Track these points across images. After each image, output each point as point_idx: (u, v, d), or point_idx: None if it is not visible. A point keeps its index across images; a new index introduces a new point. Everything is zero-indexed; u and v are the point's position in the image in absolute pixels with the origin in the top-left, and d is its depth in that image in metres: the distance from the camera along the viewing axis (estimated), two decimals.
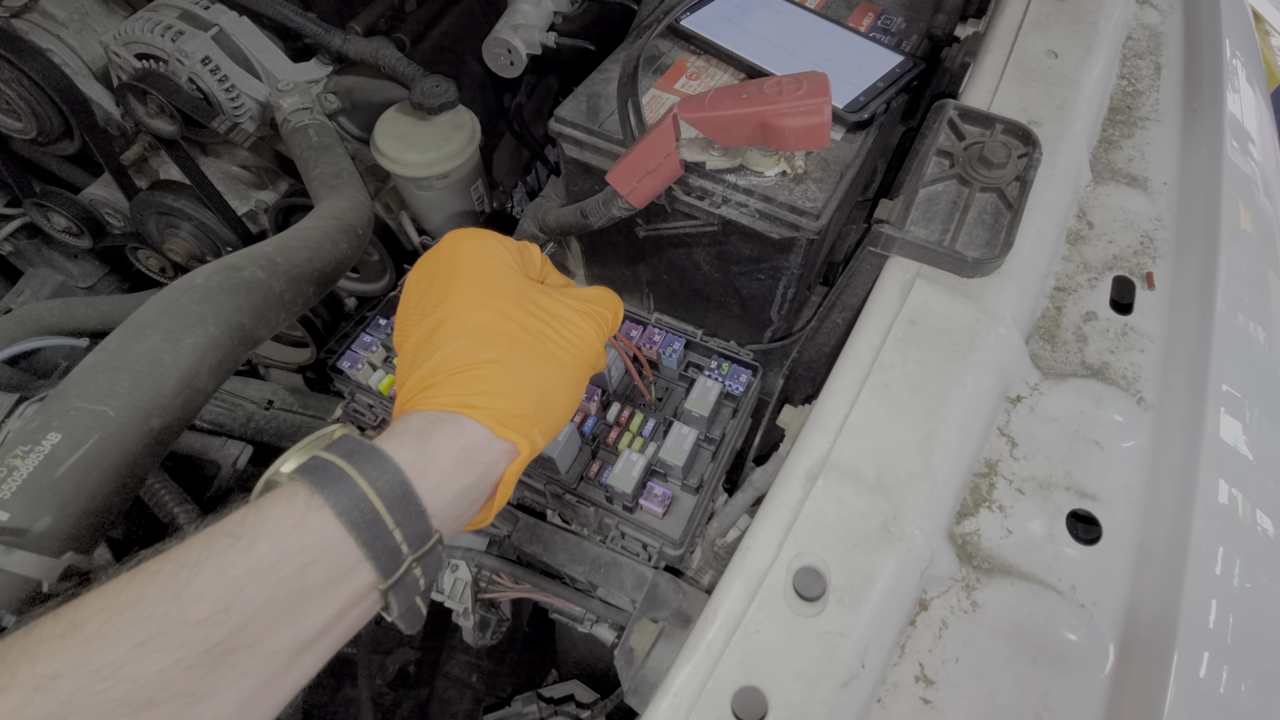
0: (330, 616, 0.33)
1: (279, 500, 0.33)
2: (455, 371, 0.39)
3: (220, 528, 0.32)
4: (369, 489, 0.34)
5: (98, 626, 0.27)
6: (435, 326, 0.42)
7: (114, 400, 0.43)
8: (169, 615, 0.28)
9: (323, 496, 0.33)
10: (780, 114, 0.56)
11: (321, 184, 0.88)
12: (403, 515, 0.34)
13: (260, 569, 0.31)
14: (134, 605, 0.28)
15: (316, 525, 0.32)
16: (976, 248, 0.49)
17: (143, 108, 0.96)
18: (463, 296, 0.42)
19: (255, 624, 0.30)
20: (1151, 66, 0.66)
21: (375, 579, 0.34)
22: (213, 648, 0.29)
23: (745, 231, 0.65)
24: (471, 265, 0.44)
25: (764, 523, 0.44)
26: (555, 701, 0.68)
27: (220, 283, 0.51)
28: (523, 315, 0.42)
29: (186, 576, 0.29)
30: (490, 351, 0.40)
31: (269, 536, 0.31)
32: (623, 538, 0.57)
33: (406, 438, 0.37)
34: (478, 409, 0.38)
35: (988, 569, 0.46)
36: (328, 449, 0.35)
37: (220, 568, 0.30)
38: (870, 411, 0.46)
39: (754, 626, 0.42)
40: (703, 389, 0.60)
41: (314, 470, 0.34)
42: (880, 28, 0.77)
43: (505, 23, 0.90)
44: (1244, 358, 0.54)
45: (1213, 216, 0.55)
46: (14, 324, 1.23)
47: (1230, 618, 0.45)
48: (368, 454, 0.35)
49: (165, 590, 0.29)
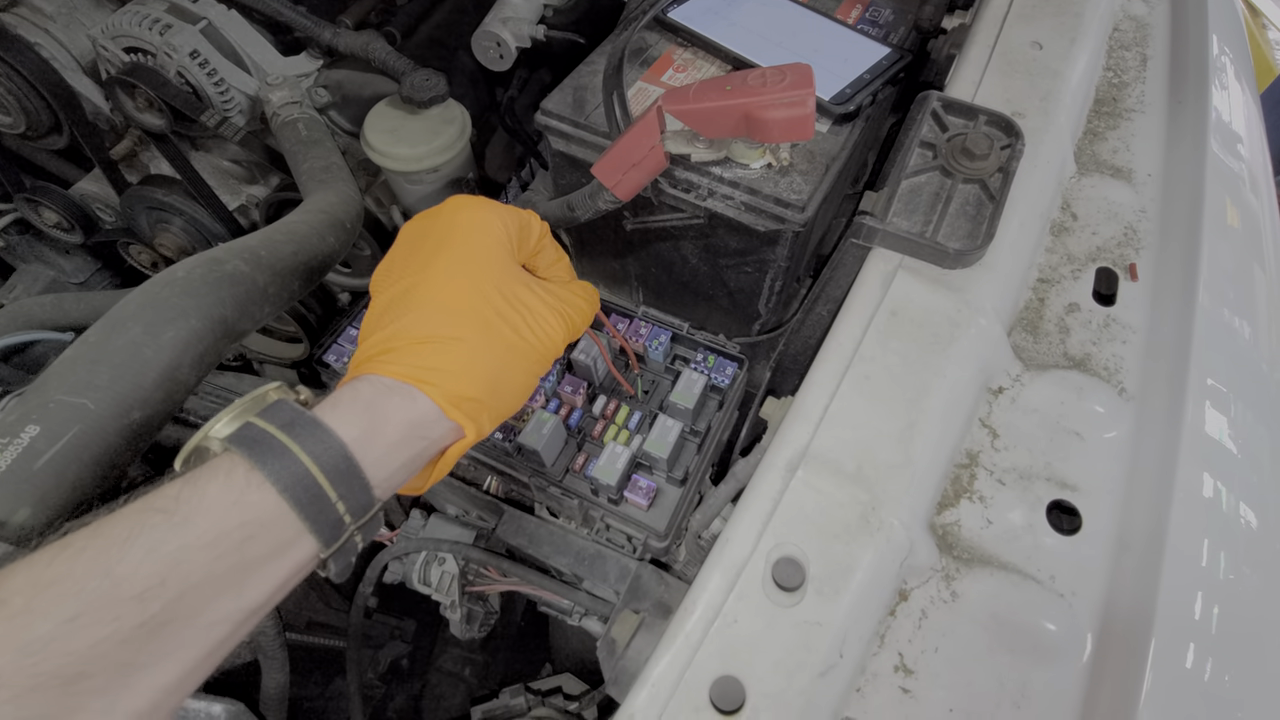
0: (273, 586, 0.33)
1: (217, 475, 0.33)
2: (418, 341, 0.39)
3: (151, 503, 0.31)
4: (311, 463, 0.33)
5: (24, 602, 0.27)
6: (412, 287, 0.41)
7: (94, 393, 0.43)
8: (99, 590, 0.28)
9: (263, 472, 0.33)
10: (764, 106, 0.56)
11: (310, 178, 0.88)
12: (346, 488, 0.35)
13: (198, 545, 0.30)
14: (61, 581, 0.28)
15: (257, 501, 0.32)
16: (958, 239, 0.49)
17: (131, 102, 0.95)
18: (446, 266, 0.42)
19: (193, 596, 0.30)
20: (1138, 58, 0.66)
21: (317, 549, 0.34)
22: (147, 621, 0.29)
23: (731, 224, 0.65)
24: (463, 237, 0.44)
25: (743, 514, 0.45)
26: (543, 694, 0.69)
27: (202, 276, 0.51)
28: (498, 300, 0.42)
29: (117, 552, 0.29)
30: (457, 329, 0.40)
31: (207, 512, 0.31)
32: (608, 530, 0.57)
33: (355, 408, 0.37)
34: (431, 385, 0.38)
35: (968, 559, 0.47)
36: (264, 416, 0.35)
37: (153, 543, 0.30)
38: (850, 403, 0.46)
39: (732, 616, 0.42)
40: (688, 381, 0.60)
41: (253, 443, 0.33)
42: (868, 19, 0.77)
43: (494, 16, 0.90)
44: (1228, 352, 0.54)
45: (1196, 208, 0.55)
46: (5, 320, 1.22)
47: (1215, 609, 0.45)
48: (309, 426, 0.35)
49: (94, 566, 0.29)
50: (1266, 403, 0.55)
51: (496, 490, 0.67)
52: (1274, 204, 0.70)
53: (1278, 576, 0.48)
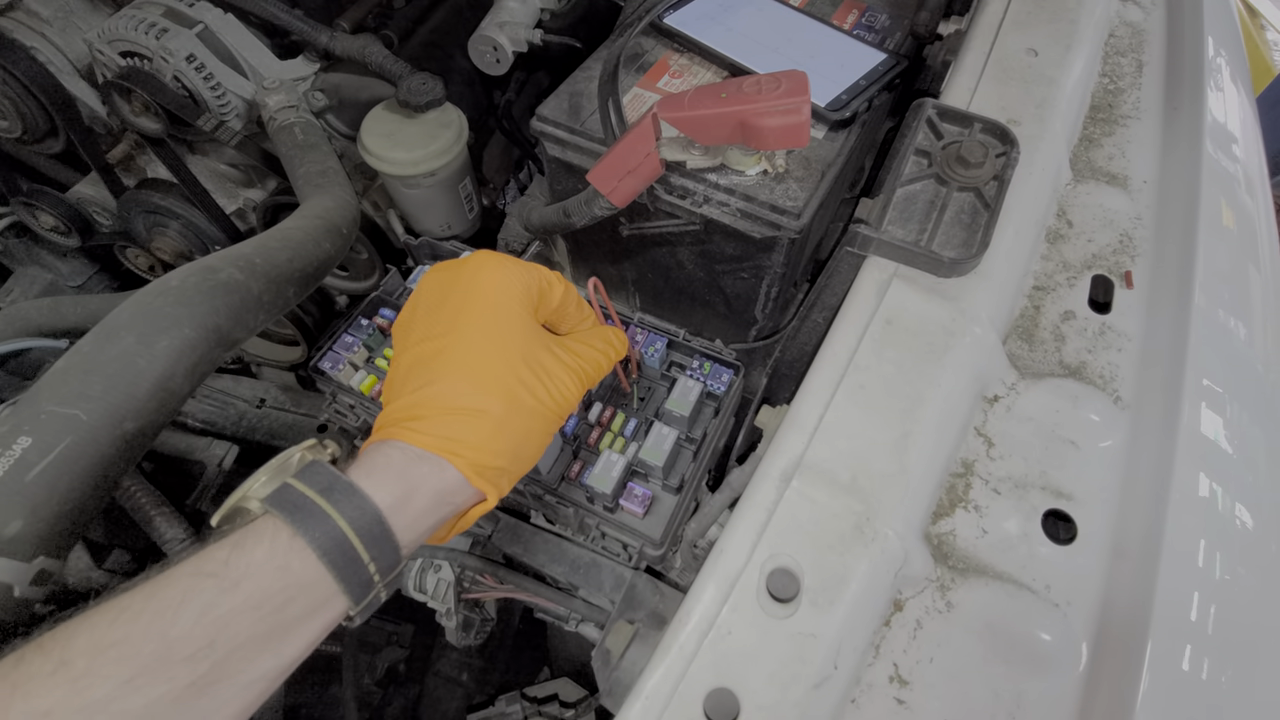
0: (306, 643, 0.35)
1: (262, 540, 0.34)
2: (446, 411, 0.41)
3: (202, 567, 0.33)
4: (348, 529, 0.36)
5: (85, 664, 0.29)
6: (438, 352, 0.43)
7: (86, 403, 0.42)
8: (154, 654, 0.30)
9: (305, 538, 0.34)
10: (759, 113, 0.56)
11: (307, 182, 0.88)
12: (378, 551, 0.37)
13: (245, 608, 0.32)
14: (120, 644, 0.30)
15: (299, 566, 0.34)
16: (953, 247, 0.49)
17: (128, 106, 0.95)
18: (471, 332, 0.43)
19: (237, 656, 0.32)
20: (1133, 64, 0.66)
21: (349, 606, 0.37)
22: (197, 680, 0.31)
23: (727, 231, 0.65)
24: (487, 299, 0.45)
25: (738, 524, 0.44)
26: (539, 701, 0.69)
27: (196, 284, 0.51)
28: (521, 368, 0.43)
29: (171, 615, 0.31)
30: (483, 400, 0.41)
31: (253, 577, 0.33)
32: (604, 538, 0.57)
33: (388, 475, 0.39)
34: (459, 456, 0.40)
35: (963, 569, 0.46)
36: (302, 479, 0.37)
37: (204, 607, 0.32)
38: (845, 412, 0.46)
39: (727, 628, 0.42)
40: (683, 389, 0.60)
41: (294, 508, 0.35)
42: (864, 25, 0.77)
43: (491, 20, 0.90)
44: (1224, 354, 0.54)
45: (1191, 215, 0.55)
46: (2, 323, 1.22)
47: (1212, 609, 0.45)
48: (346, 492, 0.37)
49: (150, 630, 0.30)
50: (1262, 403, 0.55)
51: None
52: (1269, 205, 0.69)
53: (1274, 576, 0.48)
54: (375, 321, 0.66)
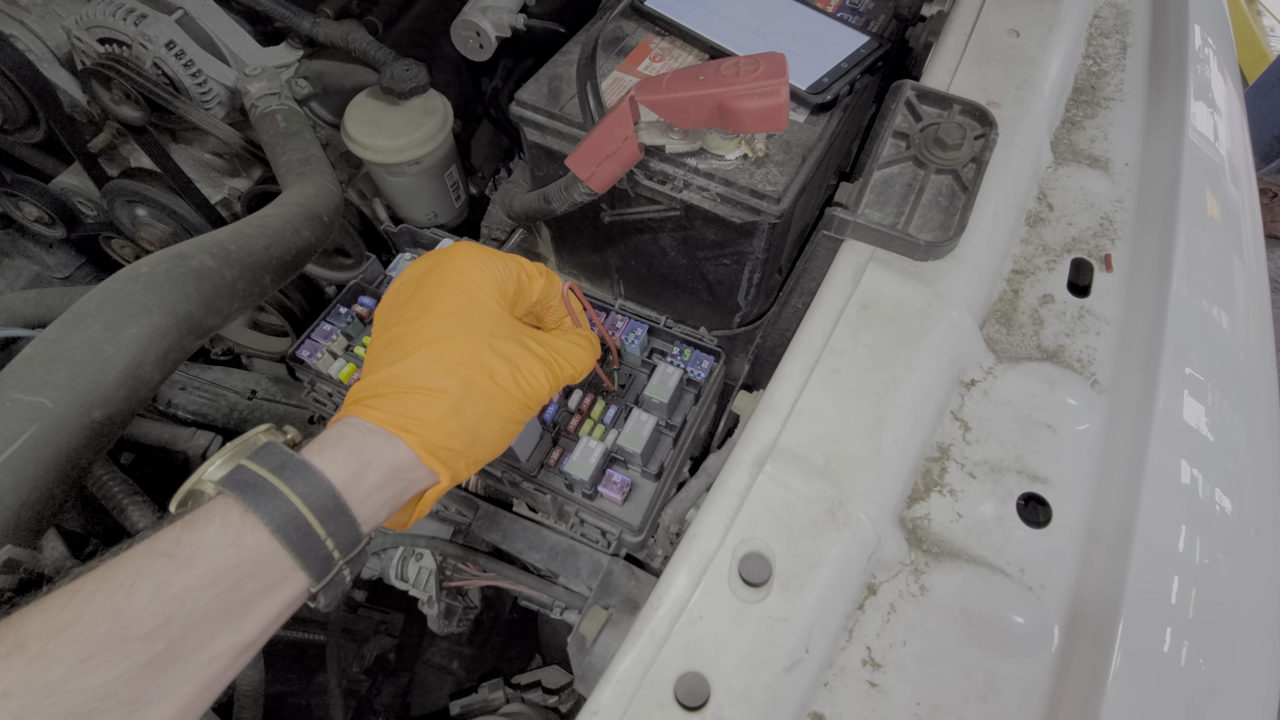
0: (266, 621, 0.36)
1: (214, 518, 0.35)
2: (404, 390, 0.41)
3: (154, 547, 0.33)
4: (300, 504, 0.36)
5: (40, 646, 0.29)
6: (405, 334, 0.43)
7: (52, 391, 0.42)
8: (109, 633, 0.30)
9: (256, 514, 0.35)
10: (737, 95, 0.55)
11: (289, 170, 0.87)
12: (334, 525, 0.37)
13: (199, 585, 0.33)
14: (74, 625, 0.30)
15: (251, 542, 0.34)
16: (930, 230, 0.49)
17: (108, 94, 0.94)
18: (439, 316, 0.44)
19: (195, 634, 0.32)
20: (1117, 46, 0.65)
21: (308, 584, 0.37)
22: (154, 658, 0.31)
23: (708, 216, 0.65)
24: (459, 286, 0.45)
25: (710, 509, 0.44)
26: (522, 688, 0.69)
27: (167, 271, 0.50)
28: (486, 354, 0.44)
29: (125, 595, 0.31)
30: (442, 380, 0.42)
31: (205, 554, 0.33)
32: (583, 525, 0.57)
33: (340, 450, 0.39)
34: (411, 434, 0.40)
35: (937, 553, 0.46)
36: (255, 459, 0.37)
37: (158, 586, 0.32)
38: (819, 397, 0.46)
39: (698, 612, 0.42)
40: (663, 375, 0.60)
41: (245, 486, 0.36)
42: (848, 7, 0.76)
43: (473, 4, 0.89)
44: (1204, 341, 0.54)
45: (1172, 198, 0.55)
46: None
47: (1193, 593, 0.45)
48: (297, 468, 0.37)
49: (104, 610, 0.31)
50: (1244, 391, 0.55)
51: (476, 487, 0.66)
52: (1254, 195, 0.69)
53: (1253, 561, 0.48)
54: (354, 310, 0.66)
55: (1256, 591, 0.47)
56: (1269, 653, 0.45)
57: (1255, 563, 0.47)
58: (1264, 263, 0.66)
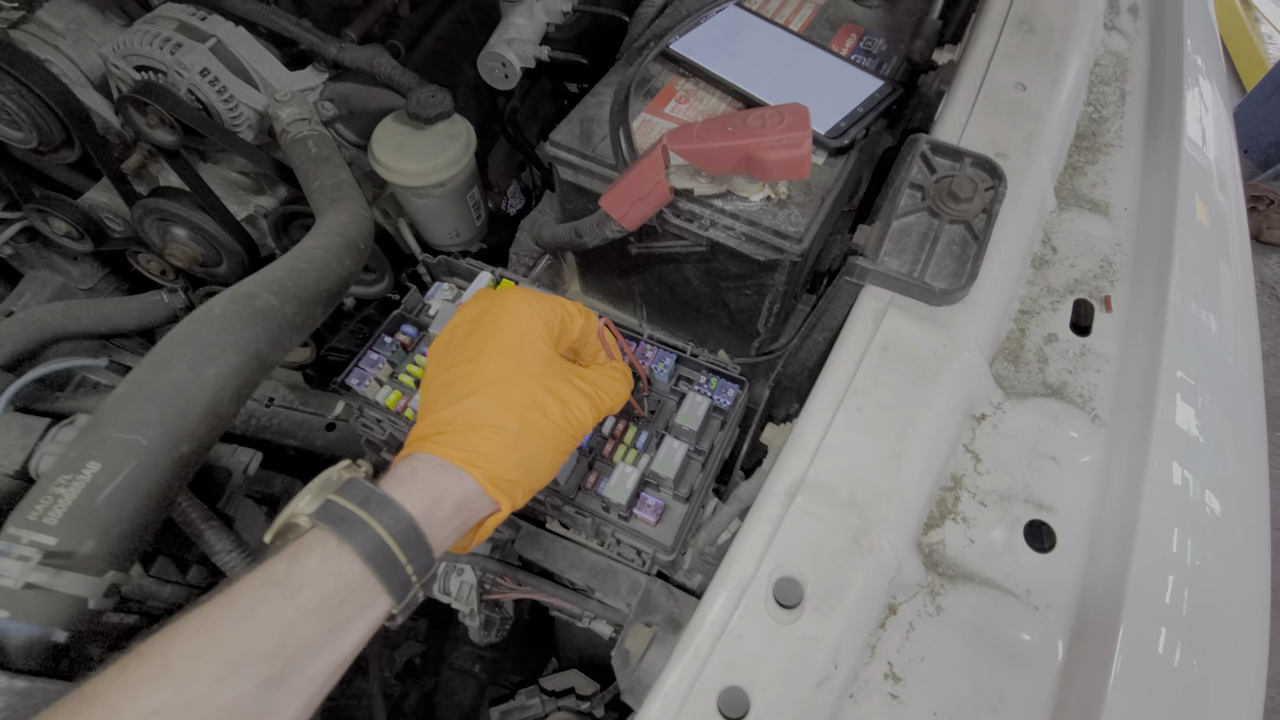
0: (358, 640, 0.40)
1: (314, 550, 0.39)
2: (468, 427, 0.46)
3: (267, 577, 0.38)
4: (386, 535, 0.40)
5: (182, 668, 0.34)
6: (465, 376, 0.48)
7: (145, 429, 0.46)
8: (237, 655, 0.35)
9: (350, 545, 0.39)
10: (763, 147, 0.59)
11: (322, 195, 0.90)
12: (414, 553, 0.41)
13: (306, 611, 0.37)
14: (208, 648, 0.35)
15: (346, 570, 0.39)
16: (944, 278, 0.53)
17: (143, 119, 0.97)
18: (495, 358, 0.48)
19: (304, 654, 0.37)
20: (1117, 93, 0.69)
21: (391, 605, 0.41)
22: (272, 676, 0.35)
23: (732, 252, 0.69)
24: (512, 329, 0.50)
25: (747, 537, 0.49)
26: (557, 694, 0.73)
27: (237, 312, 0.54)
28: (539, 392, 0.48)
29: (247, 622, 0.36)
30: (502, 418, 0.46)
31: (310, 583, 0.38)
32: (618, 544, 0.61)
33: (415, 484, 0.44)
34: (478, 468, 0.45)
35: (951, 576, 0.51)
36: (342, 494, 0.42)
37: (273, 613, 0.36)
38: (845, 434, 0.50)
39: (738, 632, 0.46)
40: (692, 404, 0.64)
41: (338, 520, 0.40)
42: (862, 49, 0.80)
43: (499, 36, 0.92)
44: (1197, 352, 0.58)
45: (1166, 243, 0.59)
46: (18, 327, 1.25)
47: (1185, 593, 0.50)
48: (381, 503, 0.41)
49: (231, 633, 0.35)
50: (1231, 395, 0.59)
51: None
52: (1240, 202, 0.73)
53: (1239, 565, 0.53)
54: (398, 338, 0.69)
55: (1245, 595, 0.51)
56: (1256, 649, 0.49)
57: (1244, 569, 0.52)
58: (1250, 267, 0.70)
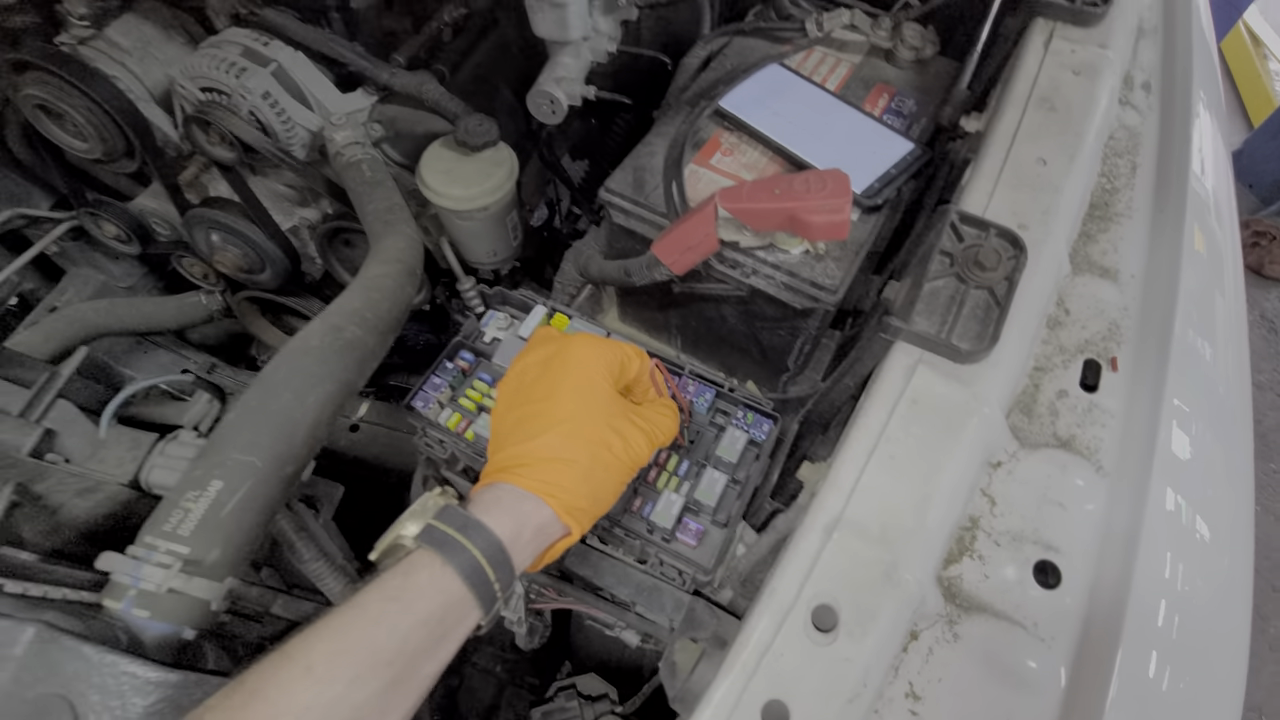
0: (454, 648, 0.46)
1: (422, 569, 0.45)
2: (544, 461, 0.52)
3: (385, 593, 0.44)
4: (481, 557, 0.46)
5: (324, 669, 0.39)
6: (538, 414, 0.54)
7: (259, 452, 0.51)
8: (366, 659, 0.40)
9: (453, 566, 0.45)
10: (807, 210, 0.65)
11: (376, 219, 0.95)
12: (501, 572, 0.47)
13: (418, 623, 0.43)
14: (345, 653, 0.40)
15: (449, 587, 0.45)
16: (969, 340, 0.59)
17: (205, 137, 1.02)
18: (566, 399, 0.54)
19: (416, 660, 0.43)
20: (1128, 165, 0.75)
21: (481, 616, 0.47)
22: (392, 679, 0.41)
23: (770, 298, 0.75)
24: (581, 371, 0.56)
25: (788, 568, 0.54)
26: (593, 699, 0.79)
27: (330, 344, 0.59)
28: (605, 430, 0.54)
29: (373, 630, 0.41)
30: (574, 454, 0.52)
31: (421, 598, 0.44)
32: (661, 564, 0.67)
33: (501, 511, 0.50)
34: (555, 498, 0.51)
35: (967, 607, 0.57)
36: (443, 520, 0.47)
37: (394, 623, 0.42)
38: (877, 478, 0.56)
39: (780, 651, 0.52)
40: (732, 438, 0.70)
41: (441, 543, 0.46)
42: (893, 110, 0.86)
43: (548, 75, 0.98)
44: (1194, 379, 0.64)
45: (1169, 309, 0.66)
46: (64, 323, 1.30)
47: (1176, 617, 0.56)
48: (476, 528, 0.47)
49: (361, 640, 0.41)
50: (1223, 422, 0.66)
51: None
52: (1236, 233, 0.80)
53: (1227, 594, 0.59)
54: (457, 364, 0.75)
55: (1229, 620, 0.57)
56: (1236, 673, 0.56)
57: (1229, 594, 0.58)
58: (1243, 300, 0.77)
